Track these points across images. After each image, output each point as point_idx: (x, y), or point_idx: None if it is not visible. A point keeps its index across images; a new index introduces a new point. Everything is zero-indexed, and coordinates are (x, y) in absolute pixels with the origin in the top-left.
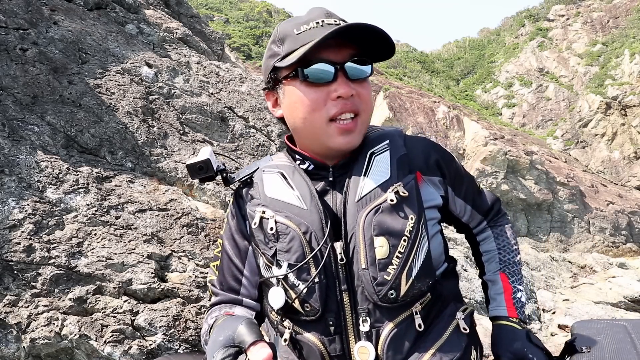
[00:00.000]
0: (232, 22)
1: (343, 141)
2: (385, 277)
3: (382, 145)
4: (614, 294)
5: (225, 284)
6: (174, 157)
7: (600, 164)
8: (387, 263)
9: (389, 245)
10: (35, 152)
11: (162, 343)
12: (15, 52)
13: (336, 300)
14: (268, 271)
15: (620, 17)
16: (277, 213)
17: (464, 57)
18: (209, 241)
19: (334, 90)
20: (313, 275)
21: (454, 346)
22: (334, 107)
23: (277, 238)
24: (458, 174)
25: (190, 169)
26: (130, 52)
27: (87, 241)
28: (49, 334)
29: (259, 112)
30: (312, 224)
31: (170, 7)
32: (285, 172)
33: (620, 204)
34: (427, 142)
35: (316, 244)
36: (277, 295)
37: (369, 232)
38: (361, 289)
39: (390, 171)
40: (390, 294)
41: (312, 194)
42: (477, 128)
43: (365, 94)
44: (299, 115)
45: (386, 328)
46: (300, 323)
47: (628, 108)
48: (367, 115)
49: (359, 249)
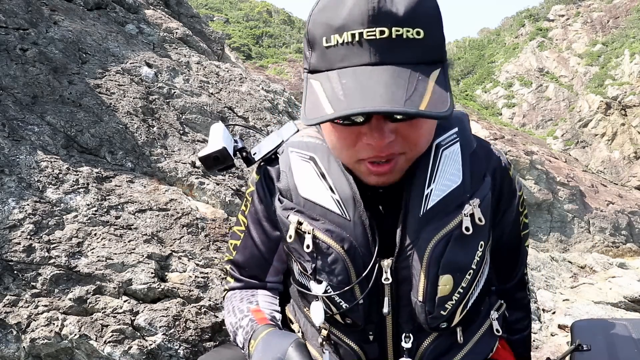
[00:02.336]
0: (232, 22)
1: (375, 181)
2: (441, 313)
3: (450, 135)
4: (614, 294)
5: (249, 270)
6: (174, 157)
7: (600, 164)
8: (447, 299)
9: (453, 282)
10: (35, 152)
11: (162, 343)
12: (15, 52)
13: (378, 314)
14: (305, 280)
15: (620, 17)
16: (314, 224)
17: (464, 57)
18: (209, 241)
19: (365, 134)
20: (358, 298)
21: (484, 347)
22: (364, 151)
23: (318, 257)
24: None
25: (204, 162)
26: (130, 52)
27: (87, 241)
28: (49, 334)
29: (259, 112)
30: (357, 239)
31: (170, 7)
32: (319, 159)
33: (620, 204)
34: (500, 155)
35: (362, 264)
36: (317, 312)
37: (434, 268)
38: (410, 312)
39: (463, 173)
40: (442, 324)
41: (355, 199)
42: (477, 128)
43: (413, 136)
44: (328, 140)
45: (426, 341)
46: (338, 327)
47: (628, 108)
48: (416, 152)
49: (417, 281)
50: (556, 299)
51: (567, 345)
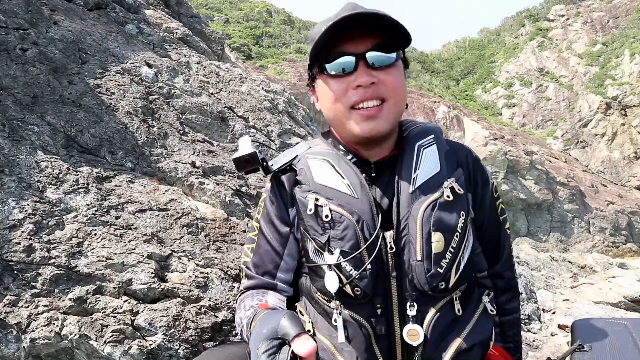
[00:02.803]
0: (232, 22)
1: (367, 127)
2: (438, 270)
3: (428, 139)
4: (614, 294)
5: (262, 268)
6: (174, 157)
7: (600, 164)
8: (441, 257)
9: (444, 240)
10: (35, 152)
11: (162, 343)
12: (15, 52)
13: (384, 285)
14: (319, 257)
15: (620, 17)
16: (330, 201)
17: (464, 57)
18: (209, 241)
19: (353, 80)
20: (366, 263)
21: (483, 328)
22: (355, 95)
23: (332, 226)
24: (484, 199)
25: (237, 163)
26: (130, 52)
27: (87, 241)
28: (49, 334)
29: (259, 112)
30: (364, 213)
31: (170, 7)
32: (331, 160)
33: (620, 204)
34: (470, 150)
35: (368, 233)
36: (332, 280)
37: (427, 227)
38: (411, 277)
39: (440, 164)
40: (441, 284)
41: (361, 183)
42: (477, 128)
43: (390, 81)
44: (326, 106)
45: (430, 312)
46: (348, 305)
47: (628, 108)
48: (395, 101)
49: (414, 241)
50: (556, 299)
51: (567, 345)
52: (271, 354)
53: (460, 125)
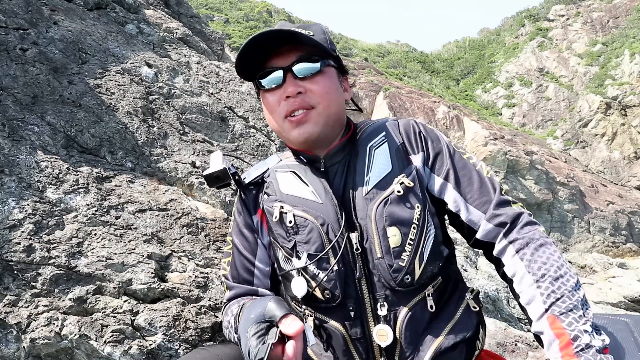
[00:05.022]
0: (232, 22)
1: (297, 133)
2: (400, 264)
3: (379, 138)
4: (614, 294)
5: (239, 277)
6: (174, 157)
7: (600, 164)
8: (401, 251)
9: (400, 233)
10: (35, 152)
11: (162, 343)
12: (15, 52)
13: (355, 287)
14: (288, 263)
15: (620, 17)
16: (294, 207)
17: (464, 57)
18: (209, 241)
19: (283, 92)
20: (332, 264)
21: (466, 325)
22: (286, 105)
23: (297, 231)
24: (440, 152)
25: (208, 179)
26: (130, 52)
27: (87, 241)
28: (49, 334)
29: (258, 112)
30: (328, 216)
31: (170, 7)
32: (298, 171)
33: (620, 204)
34: (415, 121)
35: (333, 235)
36: (300, 285)
37: (380, 223)
38: (378, 276)
39: (392, 163)
40: (406, 278)
41: (326, 189)
42: (477, 128)
43: (317, 89)
44: (268, 117)
45: (402, 311)
46: (322, 310)
47: (628, 108)
48: (324, 106)
49: (372, 239)
50: None
51: None
52: (260, 335)
53: (460, 125)
